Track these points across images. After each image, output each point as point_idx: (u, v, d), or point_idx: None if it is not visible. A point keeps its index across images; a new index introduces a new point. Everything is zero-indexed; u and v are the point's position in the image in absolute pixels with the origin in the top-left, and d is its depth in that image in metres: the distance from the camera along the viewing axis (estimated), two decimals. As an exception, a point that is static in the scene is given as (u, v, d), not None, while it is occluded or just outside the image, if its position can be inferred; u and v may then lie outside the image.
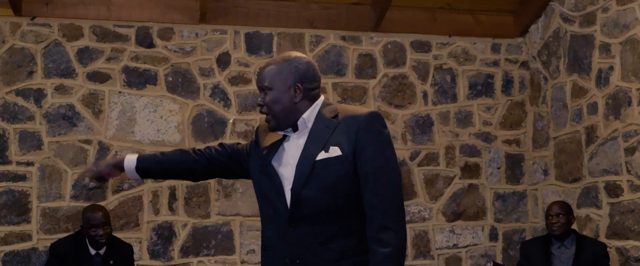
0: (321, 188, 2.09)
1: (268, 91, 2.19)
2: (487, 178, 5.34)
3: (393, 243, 2.04)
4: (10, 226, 4.62)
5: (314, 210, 2.10)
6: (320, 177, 2.09)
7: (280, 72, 2.20)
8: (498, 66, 5.43)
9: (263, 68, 2.23)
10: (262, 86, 2.21)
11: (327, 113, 2.19)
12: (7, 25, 4.74)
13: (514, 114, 5.43)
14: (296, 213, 2.11)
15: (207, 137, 4.94)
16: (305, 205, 2.10)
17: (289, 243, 2.13)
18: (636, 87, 4.27)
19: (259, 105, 2.23)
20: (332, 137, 2.12)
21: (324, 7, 5.15)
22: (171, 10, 4.95)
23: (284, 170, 2.17)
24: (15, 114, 4.70)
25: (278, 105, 2.18)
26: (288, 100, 2.19)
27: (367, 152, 2.09)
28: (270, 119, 2.21)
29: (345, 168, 2.09)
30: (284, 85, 2.19)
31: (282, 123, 2.20)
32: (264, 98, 2.20)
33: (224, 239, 4.91)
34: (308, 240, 2.11)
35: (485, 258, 5.25)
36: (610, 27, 4.51)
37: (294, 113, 2.19)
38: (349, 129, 2.12)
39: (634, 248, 4.27)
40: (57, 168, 4.72)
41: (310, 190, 2.10)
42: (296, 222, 2.11)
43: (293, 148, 2.19)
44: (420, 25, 5.29)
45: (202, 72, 4.99)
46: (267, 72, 2.21)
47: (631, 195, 4.30)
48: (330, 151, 2.10)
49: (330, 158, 2.10)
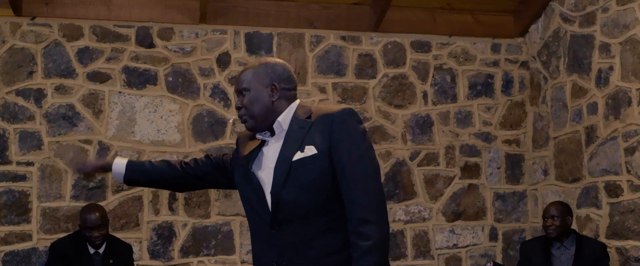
0: (300, 188, 2.11)
1: (246, 92, 2.25)
2: (487, 178, 5.34)
3: (374, 236, 2.04)
4: (10, 226, 4.62)
5: (295, 210, 2.12)
6: (297, 177, 2.11)
7: (256, 74, 2.26)
8: (498, 66, 5.44)
9: (240, 73, 2.29)
10: (240, 89, 2.26)
11: (301, 114, 2.23)
12: (7, 25, 4.75)
13: (514, 114, 5.43)
14: (278, 215, 2.14)
15: (207, 137, 4.95)
16: (285, 206, 2.12)
17: (274, 245, 2.16)
18: (636, 87, 4.27)
19: (237, 108, 2.28)
20: (307, 136, 2.15)
21: (324, 7, 5.15)
22: (171, 10, 4.95)
23: (263, 174, 2.20)
24: (16, 114, 4.70)
25: (256, 104, 2.23)
26: (266, 99, 2.23)
27: (342, 147, 2.10)
28: (247, 119, 2.25)
29: (322, 165, 2.11)
30: (262, 85, 2.24)
31: (260, 123, 2.24)
32: (242, 100, 2.25)
33: (224, 239, 4.91)
34: (292, 240, 2.13)
35: (485, 258, 5.25)
36: (610, 27, 4.51)
37: (271, 113, 2.24)
38: (322, 127, 2.14)
39: (634, 248, 4.27)
40: (57, 168, 4.72)
41: (289, 190, 2.12)
42: (279, 224, 2.14)
43: (271, 152, 2.22)
44: (420, 25, 5.29)
45: (202, 72, 4.99)
46: (245, 75, 2.26)
47: (631, 195, 4.30)
48: (305, 150, 2.13)
49: (306, 158, 2.12)
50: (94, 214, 4.15)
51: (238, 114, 2.29)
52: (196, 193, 4.89)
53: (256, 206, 2.21)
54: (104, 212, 4.26)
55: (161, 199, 4.85)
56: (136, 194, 4.82)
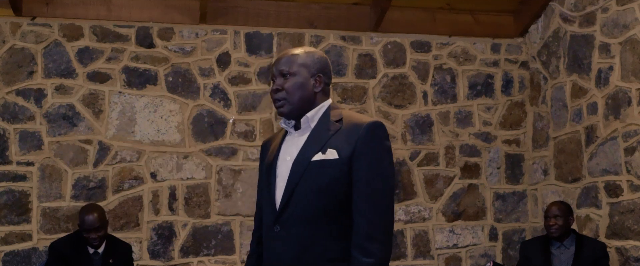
0: (312, 189, 2.08)
1: (290, 76, 2.18)
2: (487, 178, 5.34)
3: (377, 255, 2.01)
4: (10, 226, 4.62)
5: (303, 211, 2.08)
6: (313, 178, 2.08)
7: (305, 60, 2.20)
8: (498, 66, 5.44)
9: (286, 55, 2.22)
10: (283, 71, 2.19)
11: (332, 116, 2.18)
12: (7, 25, 4.75)
13: (513, 114, 5.43)
14: (285, 212, 2.10)
15: (207, 137, 4.95)
16: (294, 205, 2.09)
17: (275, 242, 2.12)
18: (636, 87, 4.27)
19: (275, 91, 2.19)
20: (332, 140, 2.11)
21: (324, 7, 5.15)
22: (171, 10, 4.96)
23: (280, 168, 2.17)
24: (16, 114, 4.71)
25: (299, 91, 2.18)
26: (310, 88, 2.19)
27: (364, 159, 2.07)
28: (284, 104, 2.18)
29: (340, 172, 2.07)
30: (308, 73, 2.19)
31: (296, 111, 2.18)
32: (283, 83, 2.18)
33: (224, 239, 4.91)
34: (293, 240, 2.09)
35: (485, 258, 5.25)
36: (610, 27, 4.51)
37: (309, 103, 2.19)
38: (349, 135, 2.10)
39: (634, 248, 4.27)
40: (57, 168, 4.72)
41: (301, 190, 2.08)
42: (283, 222, 2.10)
43: (292, 147, 2.18)
44: (420, 25, 5.29)
45: (202, 72, 5.00)
46: (292, 58, 2.20)
47: (631, 195, 4.30)
48: (327, 153, 2.09)
49: (325, 160, 2.08)
50: (92, 215, 4.14)
51: (274, 96, 2.21)
52: (196, 194, 4.89)
53: (267, 198, 2.18)
54: (102, 213, 4.25)
55: (161, 199, 4.85)
56: (136, 194, 4.82)
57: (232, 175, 4.95)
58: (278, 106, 2.20)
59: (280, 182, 2.14)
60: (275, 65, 2.23)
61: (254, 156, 4.97)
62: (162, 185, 4.86)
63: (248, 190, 4.94)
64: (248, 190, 4.94)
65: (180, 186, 4.89)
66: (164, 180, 4.86)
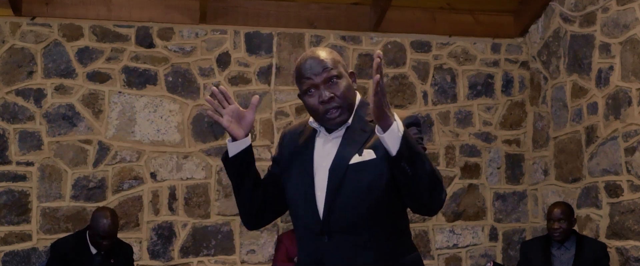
0: (354, 194, 1.96)
1: (338, 79, 2.00)
2: (487, 178, 5.34)
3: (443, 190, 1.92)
4: (10, 226, 4.62)
5: (349, 218, 1.96)
6: (353, 182, 1.96)
7: (338, 59, 2.04)
8: (498, 66, 5.43)
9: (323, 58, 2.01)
10: (331, 76, 1.99)
11: (365, 114, 2.04)
12: (7, 25, 4.74)
13: (514, 114, 5.43)
14: (329, 222, 1.98)
15: (207, 137, 4.95)
16: (339, 213, 1.97)
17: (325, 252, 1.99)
18: (636, 87, 4.27)
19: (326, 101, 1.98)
20: (368, 140, 1.99)
21: (324, 7, 5.15)
22: (171, 10, 4.95)
23: (318, 176, 2.02)
24: (15, 114, 4.70)
25: (350, 93, 2.02)
26: (353, 87, 2.05)
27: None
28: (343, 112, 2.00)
29: (379, 171, 1.95)
30: (346, 72, 2.05)
31: (348, 116, 2.03)
32: (336, 89, 1.99)
33: (224, 239, 4.91)
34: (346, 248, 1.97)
35: (485, 258, 5.25)
36: (610, 27, 4.50)
37: (354, 104, 2.05)
38: None
39: (634, 248, 4.27)
40: (57, 168, 4.72)
41: (343, 196, 1.97)
42: (329, 232, 1.97)
43: (326, 152, 2.04)
44: (420, 25, 5.29)
45: (202, 72, 4.99)
46: (332, 59, 2.01)
47: (631, 195, 4.30)
48: (364, 154, 1.97)
49: (363, 162, 1.97)
50: (107, 221, 4.08)
51: (326, 107, 1.99)
52: (196, 194, 4.89)
53: (302, 210, 2.04)
54: (117, 220, 4.21)
55: (161, 199, 4.85)
56: (136, 194, 4.82)
57: (232, 175, 4.94)
58: (334, 116, 2.00)
59: (320, 190, 2.00)
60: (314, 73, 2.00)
61: (254, 156, 4.97)
62: (162, 185, 4.86)
63: (248, 190, 4.94)
64: (248, 190, 4.94)
65: (180, 186, 4.88)
66: (163, 180, 4.86)
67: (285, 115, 5.06)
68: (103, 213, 4.17)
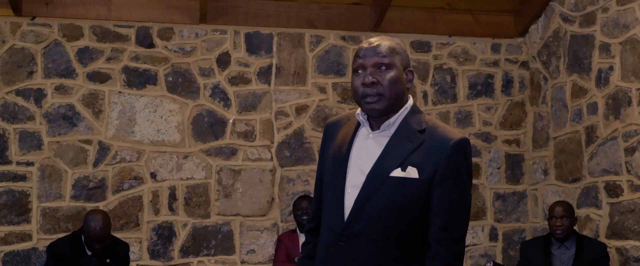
0: (386, 207, 1.89)
1: (388, 69, 1.95)
2: (487, 178, 5.34)
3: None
4: (10, 226, 4.62)
5: (372, 228, 1.89)
6: (389, 196, 1.89)
7: (399, 51, 2.00)
8: (498, 66, 5.43)
9: (381, 44, 1.99)
10: (381, 62, 1.96)
11: (415, 123, 1.97)
12: (7, 25, 4.75)
13: (514, 114, 5.43)
14: (352, 227, 1.92)
15: (207, 137, 4.95)
16: (364, 220, 1.90)
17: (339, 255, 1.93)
18: (636, 87, 4.27)
19: (368, 84, 1.94)
20: (413, 155, 1.91)
21: (324, 7, 5.15)
22: (171, 10, 4.95)
23: (352, 173, 1.96)
24: (15, 114, 4.70)
25: (397, 85, 1.96)
26: (404, 83, 1.99)
27: (446, 184, 1.89)
28: (380, 99, 1.94)
29: (418, 193, 1.88)
30: (402, 66, 1.99)
31: (388, 108, 1.96)
32: (381, 75, 1.95)
33: (224, 239, 4.91)
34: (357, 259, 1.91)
35: (485, 258, 5.25)
36: (610, 27, 4.50)
37: (400, 101, 1.98)
38: (432, 152, 1.90)
39: (634, 248, 4.27)
40: (57, 168, 4.72)
41: (374, 206, 1.90)
42: (348, 237, 1.92)
43: (366, 150, 1.98)
44: (420, 25, 5.29)
45: (202, 72, 4.99)
46: (389, 48, 1.98)
47: (631, 195, 4.30)
48: (407, 171, 1.89)
49: (405, 179, 1.89)
50: (98, 224, 4.06)
51: (366, 90, 1.95)
52: (196, 194, 4.89)
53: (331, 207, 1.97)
54: (108, 222, 4.18)
55: (161, 199, 4.85)
56: (136, 194, 4.82)
57: (232, 175, 4.95)
58: (370, 102, 1.95)
59: (351, 189, 1.94)
60: (367, 55, 1.97)
61: (253, 156, 4.97)
62: (162, 185, 4.86)
63: (248, 190, 4.94)
64: (248, 190, 4.94)
65: (180, 186, 4.88)
66: (163, 180, 4.86)
67: (285, 115, 5.06)
68: (93, 216, 4.13)
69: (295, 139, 5.04)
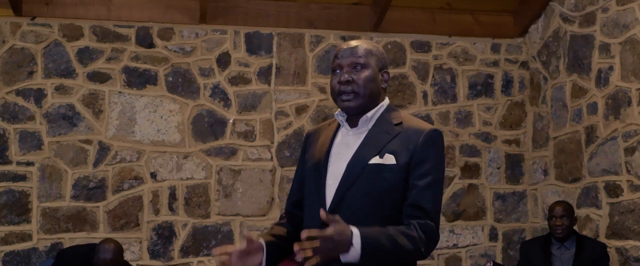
0: (366, 193, 1.98)
1: (362, 68, 2.08)
2: (487, 178, 5.34)
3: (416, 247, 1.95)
4: (10, 226, 4.62)
5: (354, 214, 1.96)
6: (368, 182, 1.99)
7: (374, 53, 2.12)
8: (498, 66, 5.44)
9: (357, 46, 2.11)
10: (356, 62, 2.08)
11: (392, 118, 2.10)
12: (7, 25, 4.75)
13: (513, 114, 5.43)
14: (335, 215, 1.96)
15: (207, 137, 4.95)
16: (346, 207, 1.98)
17: None
18: (636, 87, 4.27)
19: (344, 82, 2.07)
20: (390, 144, 2.02)
21: (324, 7, 5.15)
22: (171, 10, 4.96)
23: (333, 167, 2.06)
24: (16, 114, 4.71)
25: (371, 84, 2.07)
26: (379, 83, 2.11)
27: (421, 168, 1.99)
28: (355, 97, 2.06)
29: (396, 178, 1.99)
30: (377, 67, 2.11)
31: (362, 107, 2.08)
32: (356, 74, 2.07)
33: (224, 239, 4.90)
34: None
35: (485, 258, 5.25)
36: (610, 27, 4.51)
37: (375, 100, 2.10)
38: (408, 141, 2.02)
39: (634, 248, 4.27)
40: (57, 168, 4.72)
41: (354, 194, 1.99)
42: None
43: (345, 146, 2.08)
44: (420, 25, 5.30)
45: (202, 72, 5.00)
46: (365, 49, 2.10)
47: (631, 195, 4.30)
48: (384, 158, 2.00)
49: (383, 165, 1.99)
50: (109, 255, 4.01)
51: (342, 88, 2.08)
52: (196, 194, 4.89)
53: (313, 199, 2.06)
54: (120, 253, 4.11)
55: (161, 199, 4.85)
56: (136, 194, 4.82)
57: (232, 175, 4.95)
58: (345, 99, 2.08)
59: (331, 181, 2.04)
60: (344, 56, 2.11)
61: (253, 156, 4.98)
62: (162, 185, 4.86)
63: (248, 190, 4.94)
64: (248, 190, 4.94)
65: (180, 186, 4.89)
66: (164, 180, 4.86)
67: (285, 115, 5.06)
68: (105, 247, 4.07)
69: (295, 139, 5.04)
